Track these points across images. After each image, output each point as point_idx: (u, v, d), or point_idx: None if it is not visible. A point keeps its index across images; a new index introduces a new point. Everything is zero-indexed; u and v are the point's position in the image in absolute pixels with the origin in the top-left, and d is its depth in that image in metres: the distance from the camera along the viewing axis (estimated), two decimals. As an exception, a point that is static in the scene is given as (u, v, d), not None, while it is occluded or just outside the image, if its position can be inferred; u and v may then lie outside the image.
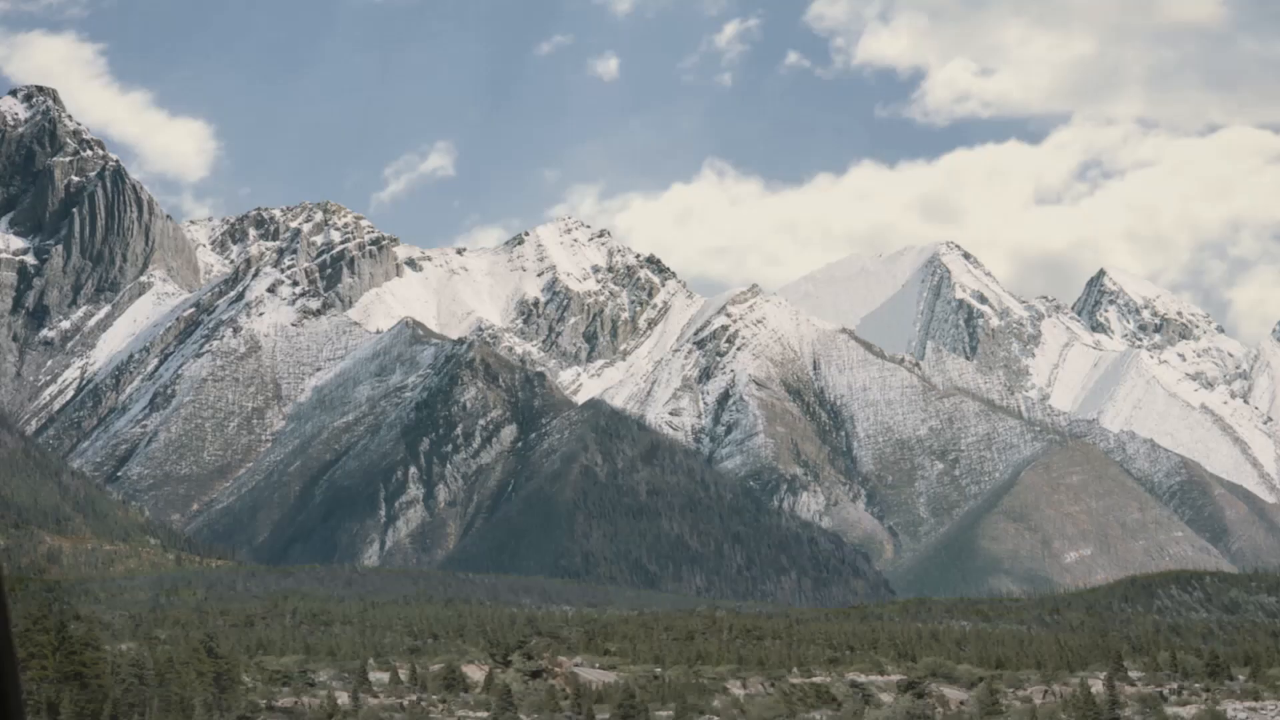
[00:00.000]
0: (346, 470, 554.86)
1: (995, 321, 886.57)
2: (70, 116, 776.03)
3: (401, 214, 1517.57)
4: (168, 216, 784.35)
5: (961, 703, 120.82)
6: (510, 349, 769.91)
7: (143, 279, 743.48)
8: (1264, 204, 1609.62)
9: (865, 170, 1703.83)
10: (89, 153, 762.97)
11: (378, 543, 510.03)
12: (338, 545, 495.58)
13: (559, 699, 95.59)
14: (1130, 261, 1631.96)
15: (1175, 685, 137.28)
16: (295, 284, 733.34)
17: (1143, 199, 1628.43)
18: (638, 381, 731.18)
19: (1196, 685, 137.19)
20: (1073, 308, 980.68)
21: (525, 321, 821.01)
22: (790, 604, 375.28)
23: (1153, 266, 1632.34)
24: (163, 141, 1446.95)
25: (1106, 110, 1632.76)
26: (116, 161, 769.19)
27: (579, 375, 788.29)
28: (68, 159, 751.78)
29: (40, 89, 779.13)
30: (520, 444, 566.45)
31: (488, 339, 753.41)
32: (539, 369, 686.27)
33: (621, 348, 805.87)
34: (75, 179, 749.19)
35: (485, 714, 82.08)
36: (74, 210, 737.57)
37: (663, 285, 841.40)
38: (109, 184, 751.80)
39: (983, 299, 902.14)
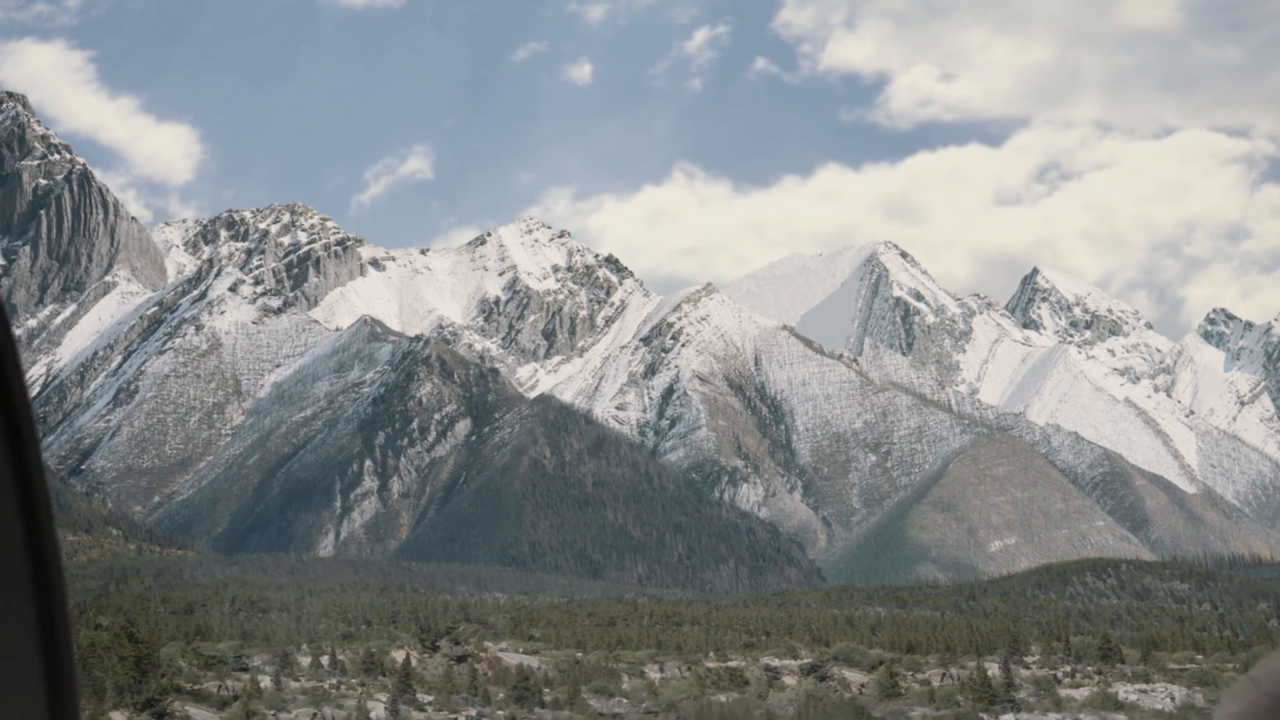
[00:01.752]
0: (304, 463, 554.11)
1: (931, 318, 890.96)
2: (39, 121, 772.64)
3: (381, 216, 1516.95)
4: (133, 218, 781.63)
5: (862, 685, 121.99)
6: (470, 346, 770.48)
7: (107, 278, 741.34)
8: (1217, 205, 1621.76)
9: (831, 172, 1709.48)
10: (56, 156, 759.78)
11: (333, 533, 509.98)
12: (294, 535, 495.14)
13: (483, 683, 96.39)
14: (1088, 260, 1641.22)
15: (1069, 668, 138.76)
16: (259, 283, 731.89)
17: (1100, 200, 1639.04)
18: (586, 377, 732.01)
19: (1089, 668, 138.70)
20: (1006, 305, 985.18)
21: (486, 319, 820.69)
22: (728, 591, 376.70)
23: (1109, 265, 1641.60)
24: (150, 146, 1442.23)
25: (1065, 114, 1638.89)
26: (84, 165, 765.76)
27: (536, 371, 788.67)
28: (35, 162, 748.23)
29: (10, 94, 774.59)
30: (474, 437, 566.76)
31: (448, 336, 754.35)
32: (493, 365, 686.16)
33: (579, 345, 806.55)
34: (43, 182, 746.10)
35: (386, 695, 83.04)
36: (41, 212, 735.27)
37: (620, 284, 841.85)
38: (75, 187, 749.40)
39: (919, 296, 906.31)
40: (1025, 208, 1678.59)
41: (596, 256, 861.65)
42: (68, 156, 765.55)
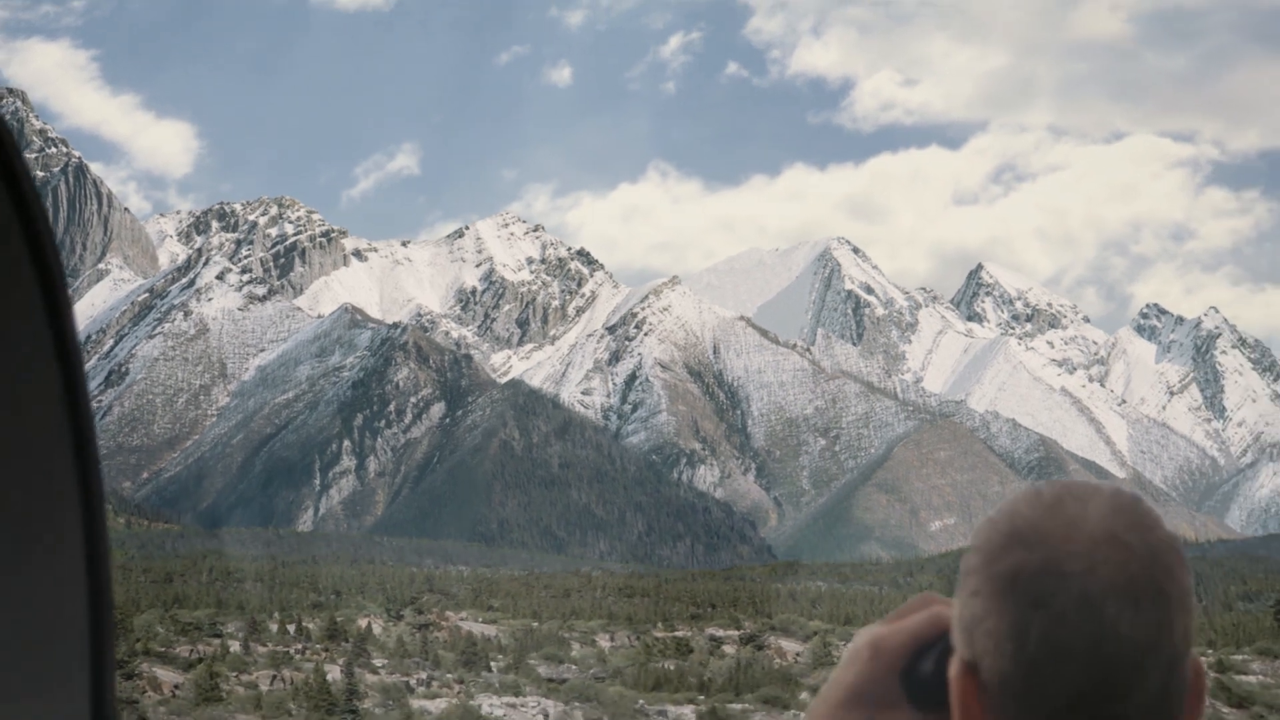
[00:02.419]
0: (285, 443, 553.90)
1: (880, 311, 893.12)
2: (37, 116, 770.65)
3: (369, 210, 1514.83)
4: (125, 209, 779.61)
5: (797, 654, 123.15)
6: (446, 333, 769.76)
7: (100, 266, 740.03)
8: (1164, 206, 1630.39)
9: (797, 172, 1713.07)
10: (53, 150, 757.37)
11: (312, 509, 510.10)
12: (275, 511, 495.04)
13: (434, 648, 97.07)
14: (1040, 258, 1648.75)
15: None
16: (246, 271, 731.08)
17: (1053, 201, 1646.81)
18: (555, 364, 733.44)
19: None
20: (952, 299, 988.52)
21: (463, 308, 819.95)
22: (683, 566, 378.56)
23: (1061, 263, 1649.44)
24: (150, 141, 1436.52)
25: (1020, 119, 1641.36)
26: (79, 159, 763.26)
27: (510, 358, 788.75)
28: (33, 156, 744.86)
29: (10, 90, 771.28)
30: (447, 420, 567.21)
31: (425, 324, 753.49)
32: (467, 352, 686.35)
33: (551, 333, 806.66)
34: (40, 174, 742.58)
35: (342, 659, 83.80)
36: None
37: (591, 276, 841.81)
38: (71, 179, 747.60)
39: (869, 290, 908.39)
40: (982, 207, 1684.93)
41: (569, 250, 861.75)
42: (64, 150, 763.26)
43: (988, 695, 1.69)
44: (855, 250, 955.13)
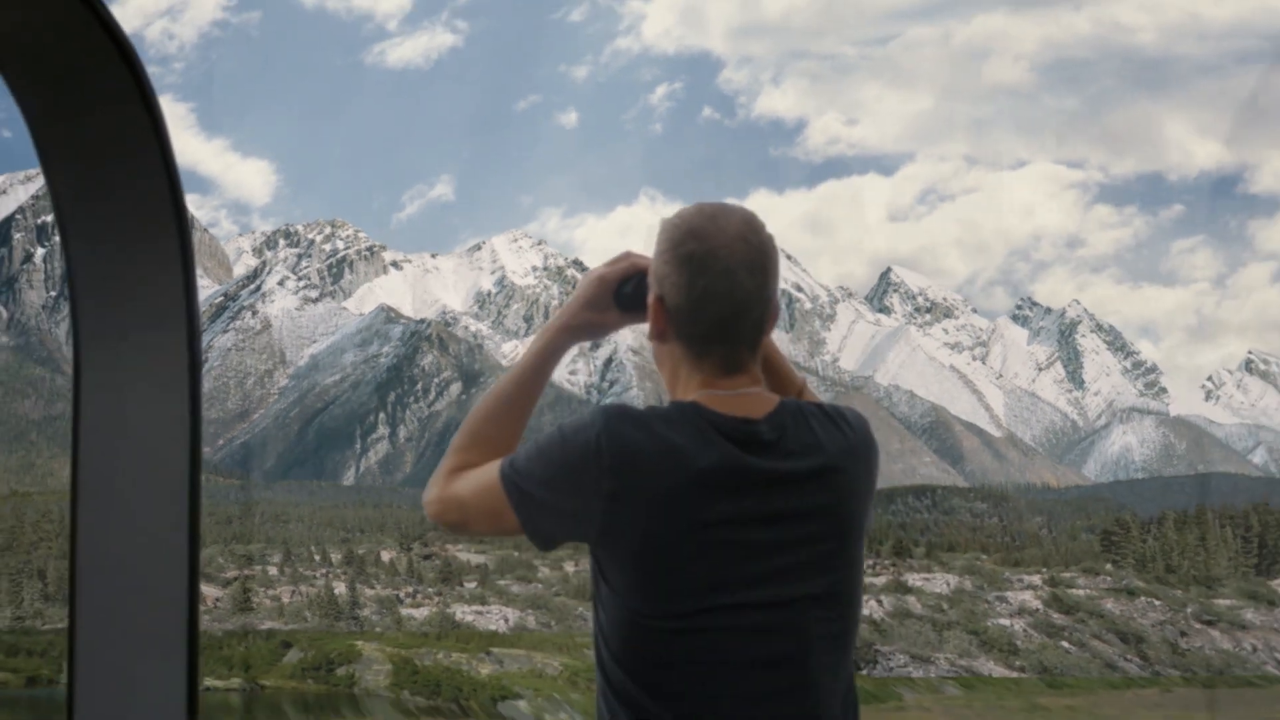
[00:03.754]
0: (332, 415, 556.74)
1: (807, 305, 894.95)
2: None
3: (414, 229, 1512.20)
4: (205, 229, 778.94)
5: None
6: (465, 327, 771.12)
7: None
8: (1059, 220, 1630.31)
9: (761, 196, 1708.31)
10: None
11: (354, 468, 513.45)
12: (324, 470, 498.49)
13: (419, 569, 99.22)
14: (958, 264, 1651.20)
15: (870, 563, 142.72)
16: (304, 279, 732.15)
17: (968, 217, 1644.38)
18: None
19: (886, 562, 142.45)
20: (865, 296, 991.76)
21: (480, 307, 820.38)
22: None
23: (975, 267, 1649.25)
24: (237, 176, 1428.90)
25: (941, 150, 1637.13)
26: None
27: (516, 347, 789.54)
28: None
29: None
30: (463, 396, 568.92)
31: (448, 320, 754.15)
32: (480, 342, 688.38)
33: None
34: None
35: (345, 580, 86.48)
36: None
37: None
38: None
39: (799, 289, 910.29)
40: (911, 223, 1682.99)
41: (566, 259, 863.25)
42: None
43: (669, 314, 2.29)
44: (789, 257, 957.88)
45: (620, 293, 2.55)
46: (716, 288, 2.21)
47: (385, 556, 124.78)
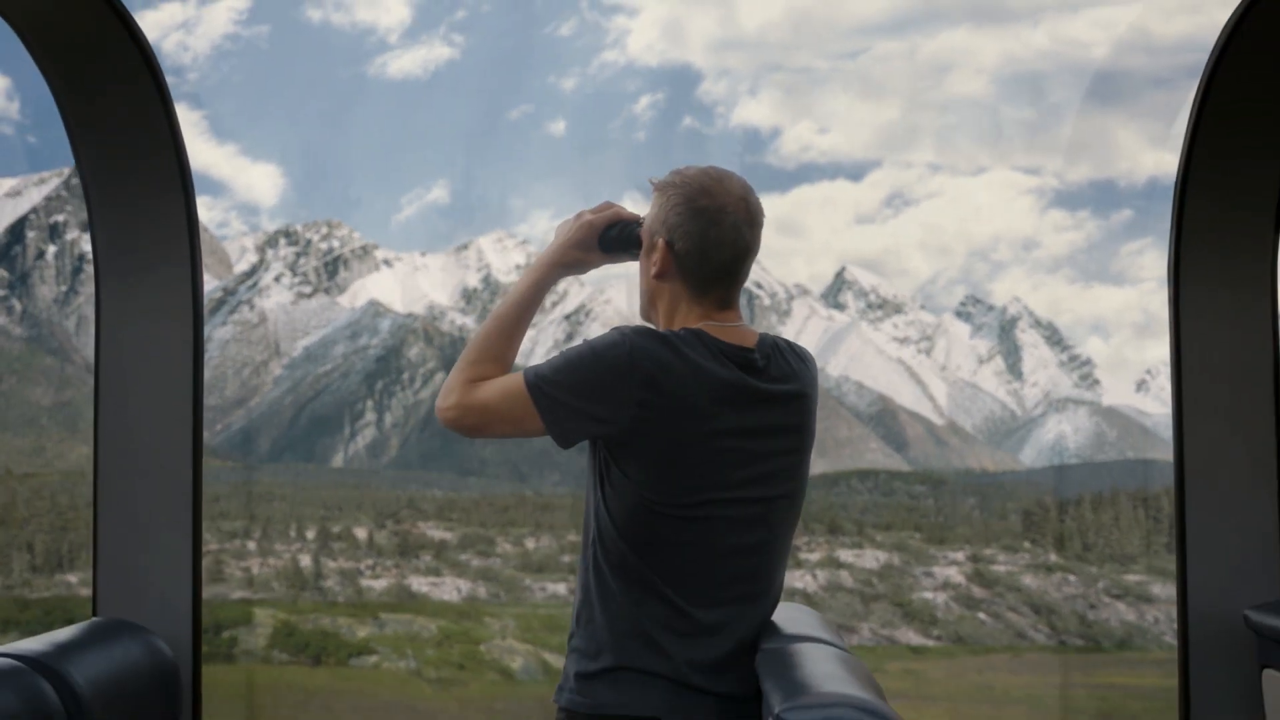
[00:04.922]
0: (323, 403, 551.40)
1: (766, 301, 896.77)
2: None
3: (411, 230, 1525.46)
4: (205, 228, 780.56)
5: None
6: (451, 321, 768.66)
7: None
8: (1016, 223, 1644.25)
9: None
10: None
11: (343, 452, 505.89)
12: (315, 453, 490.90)
13: (380, 542, 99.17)
14: (922, 265, 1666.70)
15: (805, 539, 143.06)
16: (299, 275, 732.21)
17: (931, 220, 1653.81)
18: (527, 342, 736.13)
19: (819, 539, 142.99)
20: (820, 293, 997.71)
21: (466, 302, 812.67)
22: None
23: (937, 267, 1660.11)
24: (247, 180, 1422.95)
25: (907, 158, 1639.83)
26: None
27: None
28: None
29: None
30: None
31: (435, 314, 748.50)
32: (464, 335, 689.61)
33: (533, 321, 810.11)
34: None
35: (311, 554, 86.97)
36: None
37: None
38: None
39: (760, 286, 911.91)
40: (878, 226, 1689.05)
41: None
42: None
43: (677, 258, 2.47)
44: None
45: (605, 236, 2.78)
46: (724, 238, 2.48)
47: (361, 534, 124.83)
